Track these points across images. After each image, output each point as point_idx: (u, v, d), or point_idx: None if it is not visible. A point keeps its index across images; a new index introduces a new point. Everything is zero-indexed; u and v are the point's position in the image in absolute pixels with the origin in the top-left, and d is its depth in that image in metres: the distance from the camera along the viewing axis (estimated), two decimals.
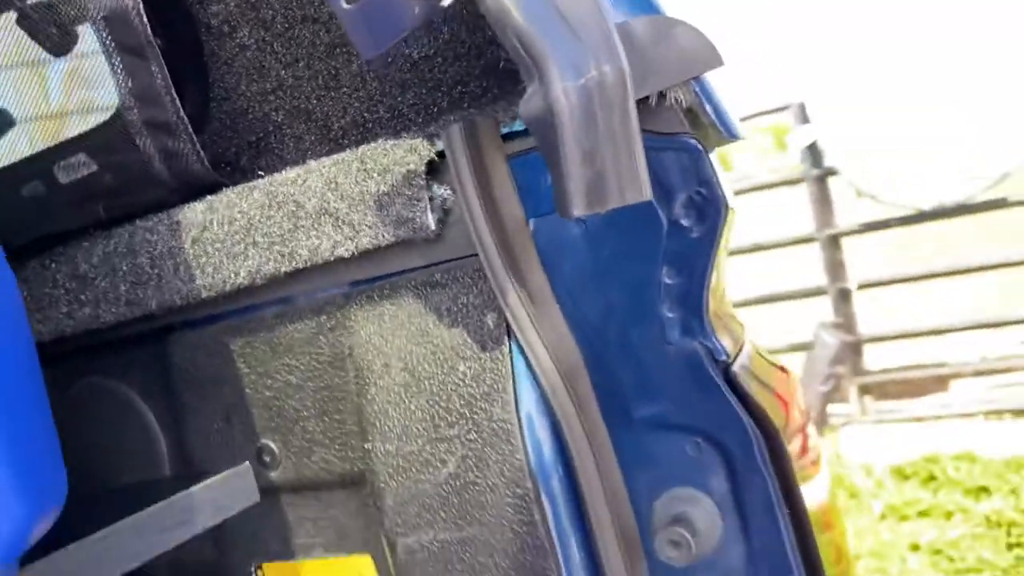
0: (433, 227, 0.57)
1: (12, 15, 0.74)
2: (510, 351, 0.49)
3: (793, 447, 0.55)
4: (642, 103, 0.52)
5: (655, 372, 0.46)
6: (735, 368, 0.45)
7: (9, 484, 0.48)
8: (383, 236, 0.57)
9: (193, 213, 0.69)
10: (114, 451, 0.73)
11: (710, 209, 0.53)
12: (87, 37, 0.76)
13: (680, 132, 0.54)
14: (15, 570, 0.40)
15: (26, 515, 0.48)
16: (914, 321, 5.71)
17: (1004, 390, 4.20)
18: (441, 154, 0.60)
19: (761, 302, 4.62)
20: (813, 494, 0.64)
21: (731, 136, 0.56)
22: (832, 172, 3.86)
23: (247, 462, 0.47)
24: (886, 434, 3.65)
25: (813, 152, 3.88)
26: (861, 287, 3.99)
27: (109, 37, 0.70)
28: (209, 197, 0.71)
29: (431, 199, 0.58)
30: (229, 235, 0.65)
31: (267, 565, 0.61)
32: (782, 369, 0.56)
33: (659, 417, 0.46)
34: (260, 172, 0.77)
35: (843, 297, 4.01)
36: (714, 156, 0.57)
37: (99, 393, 0.75)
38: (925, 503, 3.18)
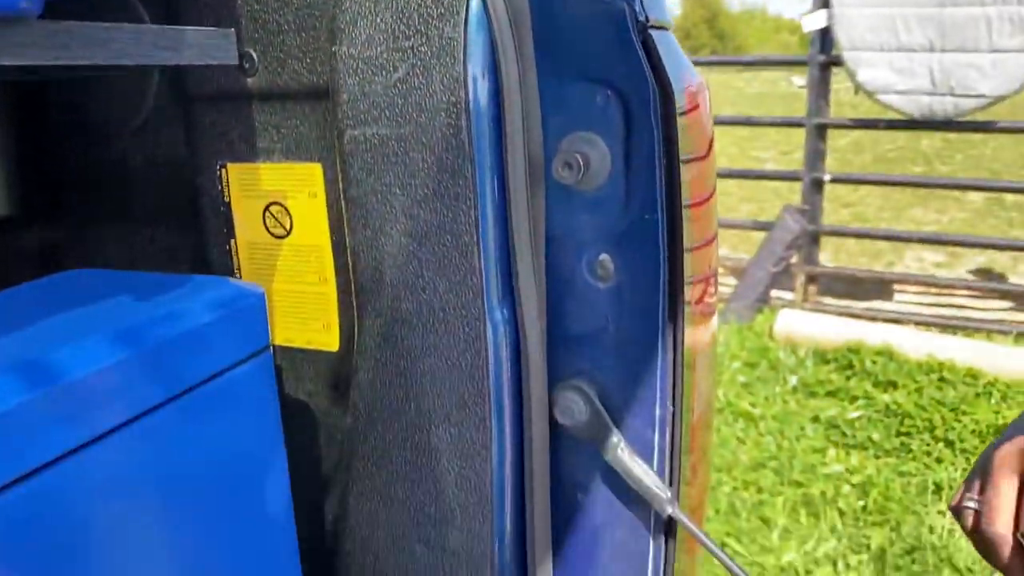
0: None
1: None
2: None
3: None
4: None
5: (584, 31, 0.54)
6: (651, 32, 0.54)
7: None
8: None
9: None
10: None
11: None
12: None
13: None
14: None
15: None
16: (874, 224, 5.86)
17: (940, 308, 4.40)
18: None
19: (739, 177, 4.70)
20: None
21: None
22: (836, 62, 3.87)
23: (233, 28, 0.55)
24: (819, 321, 3.84)
25: (824, 37, 3.87)
26: (833, 180, 4.08)
27: None
28: None
29: None
30: None
31: (231, 165, 0.70)
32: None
33: (581, 68, 0.55)
34: None
35: (815, 187, 4.10)
36: None
37: None
38: (835, 385, 3.41)
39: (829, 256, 5.22)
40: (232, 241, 0.69)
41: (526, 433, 0.59)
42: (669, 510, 0.57)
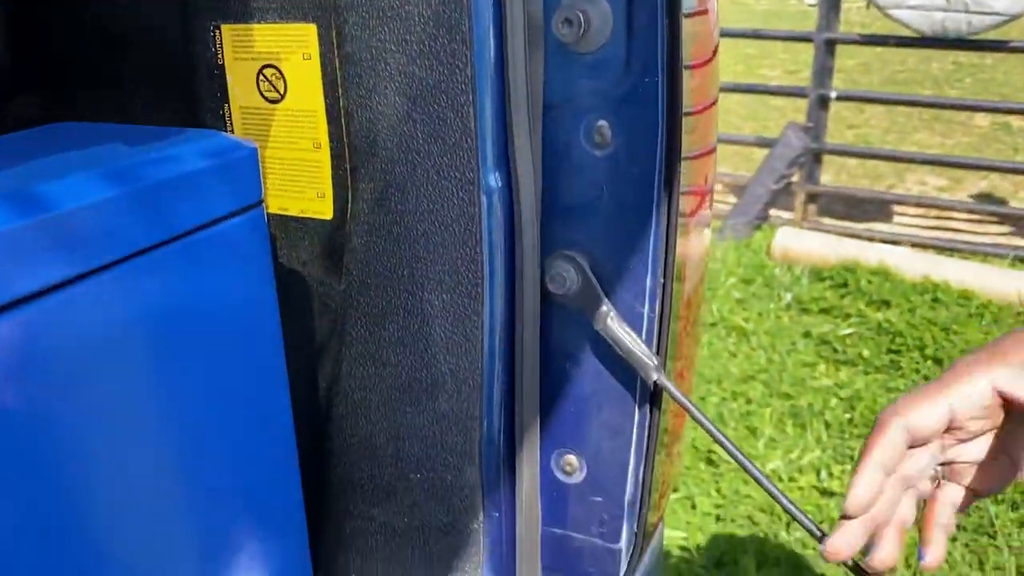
0: None
1: None
2: None
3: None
4: None
5: None
6: None
7: None
8: None
9: None
10: None
11: None
12: None
13: None
14: None
15: None
16: (878, 147, 5.80)
17: (938, 231, 4.40)
18: None
19: (744, 91, 4.62)
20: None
21: None
22: None
23: None
24: (816, 240, 3.83)
25: None
26: (840, 98, 4.02)
27: None
28: None
29: None
30: None
31: (224, 26, 0.69)
32: None
33: None
34: None
35: (821, 103, 4.04)
36: None
37: None
38: (829, 303, 3.43)
39: (831, 177, 5.18)
40: (226, 106, 0.68)
41: (517, 301, 0.60)
42: (655, 377, 0.58)
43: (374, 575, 0.67)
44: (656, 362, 0.58)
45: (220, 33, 0.66)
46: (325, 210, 0.67)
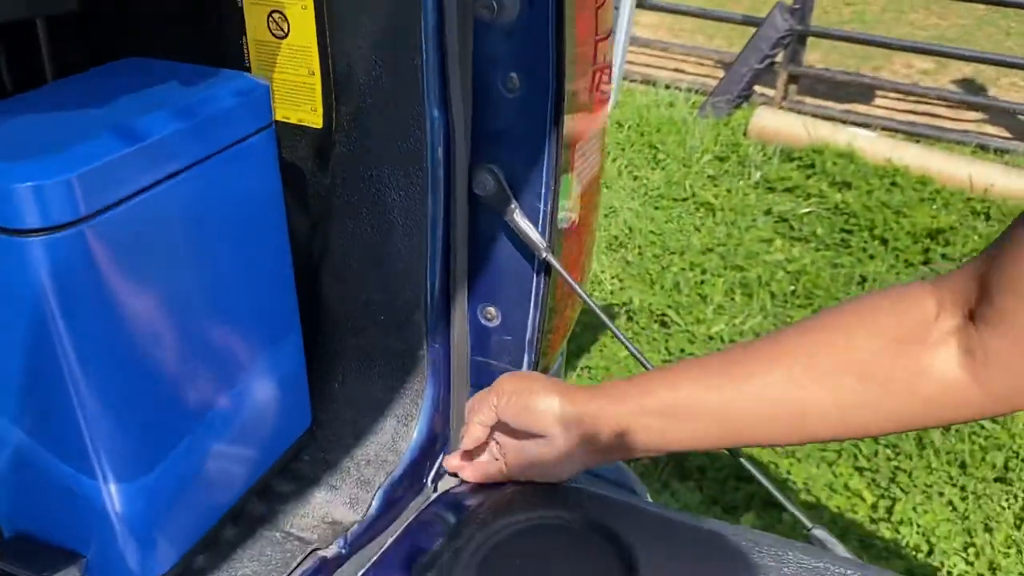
0: None
1: None
2: None
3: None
4: None
5: None
6: None
7: None
8: None
9: None
10: None
11: None
12: None
13: None
14: None
15: None
16: (871, 27, 5.86)
17: (913, 115, 4.56)
18: None
19: None
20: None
21: None
22: None
23: None
24: (791, 121, 4.01)
25: None
26: None
27: None
28: None
29: None
30: None
31: None
32: None
33: None
34: None
35: None
36: None
37: None
38: (795, 182, 3.66)
39: (819, 57, 5.28)
40: (244, 38, 0.90)
41: (451, 199, 0.85)
42: (544, 255, 0.84)
43: (351, 383, 0.95)
44: (545, 244, 0.84)
45: None
46: (316, 121, 0.91)
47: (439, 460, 0.94)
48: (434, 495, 0.93)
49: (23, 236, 0.60)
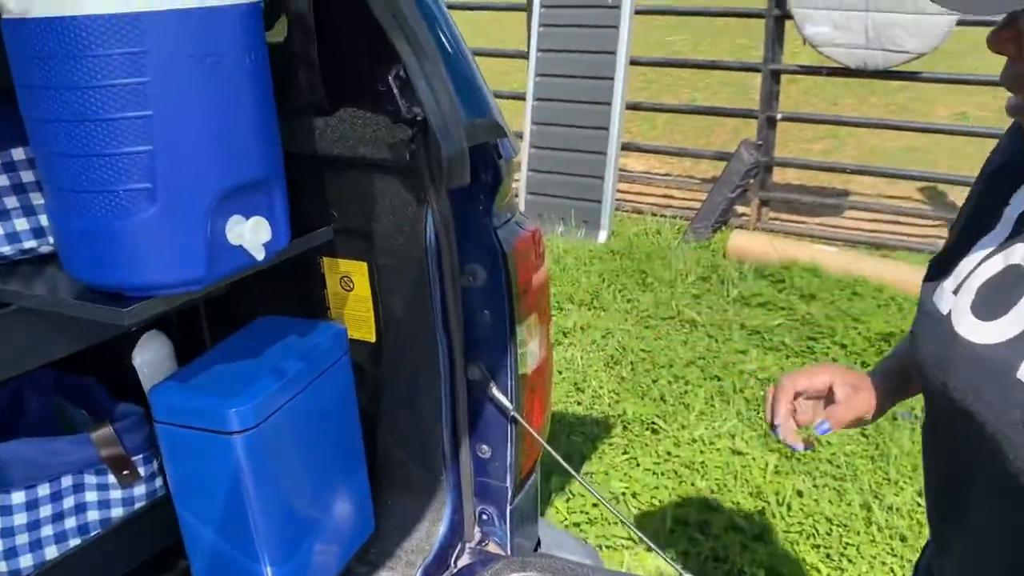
0: None
1: None
2: None
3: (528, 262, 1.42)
4: None
5: (476, 233, 1.32)
6: (499, 231, 1.30)
7: None
8: None
9: None
10: None
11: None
12: None
13: None
14: None
15: None
16: (843, 138, 6.48)
17: (876, 225, 5.12)
18: None
19: (703, 113, 5.36)
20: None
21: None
22: (789, 16, 4.47)
23: None
24: (763, 241, 4.58)
25: None
26: (784, 119, 4.75)
27: None
28: None
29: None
30: None
31: (326, 259, 1.50)
32: (534, 229, 1.41)
33: (475, 238, 1.33)
34: None
35: (769, 124, 4.77)
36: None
37: None
38: (766, 297, 4.19)
39: (796, 173, 5.88)
40: (325, 291, 1.49)
41: (455, 382, 1.41)
42: (512, 414, 1.40)
43: (398, 500, 1.50)
44: (513, 408, 1.40)
45: (323, 262, 1.48)
46: (371, 337, 1.48)
47: (459, 546, 1.48)
48: (455, 569, 1.46)
49: (230, 435, 1.17)
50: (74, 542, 1.25)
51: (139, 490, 1.30)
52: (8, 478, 1.17)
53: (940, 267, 0.87)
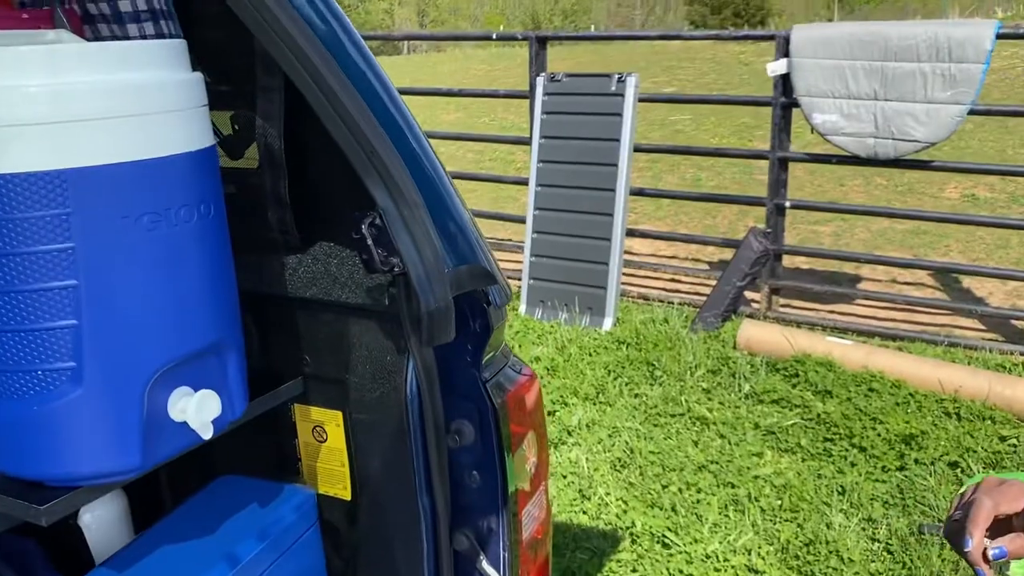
0: None
1: None
2: None
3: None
4: None
5: (463, 385, 1.16)
6: (489, 383, 1.15)
7: None
8: None
9: None
10: None
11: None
12: None
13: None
14: None
15: None
16: (852, 222, 6.37)
17: (890, 315, 4.97)
18: None
19: (711, 200, 5.27)
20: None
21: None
22: (795, 104, 4.39)
23: None
24: (774, 332, 4.42)
25: (785, 82, 4.39)
26: (793, 207, 4.64)
27: None
28: None
29: None
30: None
31: (297, 406, 1.35)
32: (530, 376, 1.26)
33: (462, 390, 1.18)
34: None
35: (778, 211, 4.66)
36: None
37: None
38: (780, 394, 4.01)
39: (806, 260, 5.76)
40: (296, 441, 1.33)
41: (439, 552, 1.24)
42: None
43: None
44: None
45: (295, 409, 1.32)
46: (346, 495, 1.32)
47: None
48: None
49: None
50: None
51: None
52: None
53: None
